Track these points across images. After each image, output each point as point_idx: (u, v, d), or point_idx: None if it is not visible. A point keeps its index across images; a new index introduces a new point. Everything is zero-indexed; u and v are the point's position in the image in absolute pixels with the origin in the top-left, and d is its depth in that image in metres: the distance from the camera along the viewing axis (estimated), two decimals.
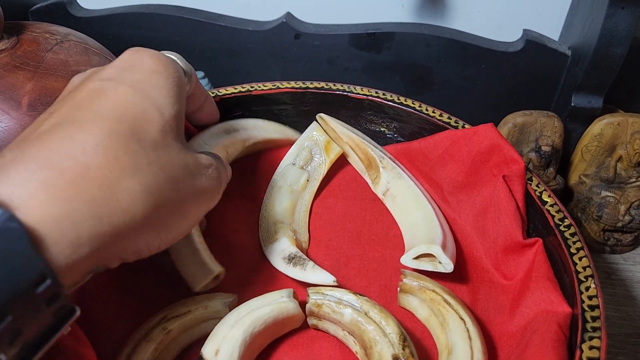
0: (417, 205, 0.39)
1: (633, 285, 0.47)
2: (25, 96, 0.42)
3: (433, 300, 0.32)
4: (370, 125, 0.45)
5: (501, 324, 0.33)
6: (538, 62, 0.53)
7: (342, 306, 0.31)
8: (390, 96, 0.44)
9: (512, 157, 0.36)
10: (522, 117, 0.49)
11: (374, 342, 0.29)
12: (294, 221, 0.39)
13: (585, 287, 0.30)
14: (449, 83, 0.56)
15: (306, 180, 0.41)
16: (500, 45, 0.53)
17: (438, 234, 0.35)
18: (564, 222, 0.34)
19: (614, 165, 0.48)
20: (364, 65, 0.56)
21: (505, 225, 0.35)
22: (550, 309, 0.30)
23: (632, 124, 0.47)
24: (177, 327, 0.30)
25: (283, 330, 0.32)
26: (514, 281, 0.35)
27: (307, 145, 0.43)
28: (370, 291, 0.36)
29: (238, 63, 0.58)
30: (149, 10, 0.55)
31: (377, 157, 0.42)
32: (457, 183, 0.40)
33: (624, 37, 0.44)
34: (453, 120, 0.41)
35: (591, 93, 0.49)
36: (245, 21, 0.56)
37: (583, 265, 0.31)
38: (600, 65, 0.46)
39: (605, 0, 0.43)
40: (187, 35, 0.56)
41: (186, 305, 0.31)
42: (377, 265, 0.37)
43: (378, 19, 0.55)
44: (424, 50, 0.54)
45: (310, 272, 0.33)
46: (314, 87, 0.45)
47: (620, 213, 0.48)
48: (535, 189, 0.36)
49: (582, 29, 0.49)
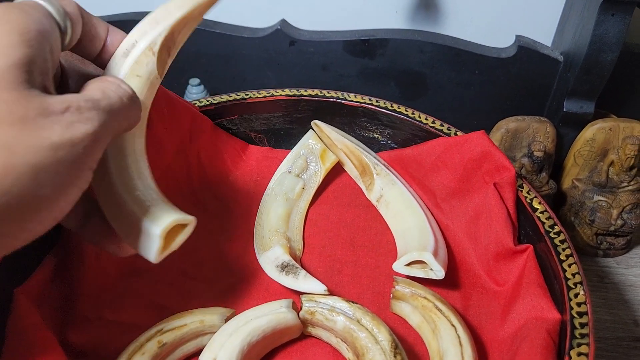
0: (410, 211, 0.39)
1: (625, 289, 0.48)
2: None
3: (425, 307, 0.33)
4: (364, 132, 0.46)
5: (492, 329, 0.34)
6: (531, 68, 0.53)
7: (335, 314, 0.31)
8: (383, 103, 0.44)
9: (503, 165, 0.37)
10: (515, 123, 0.49)
11: (366, 349, 0.29)
12: (289, 229, 0.39)
13: (575, 294, 0.30)
14: (442, 88, 0.56)
15: (302, 188, 0.42)
16: (493, 51, 0.54)
17: (430, 241, 0.36)
18: (554, 229, 0.34)
19: (606, 170, 0.49)
20: (358, 71, 0.56)
21: (496, 232, 0.36)
22: (540, 315, 0.31)
23: (623, 128, 0.48)
24: (172, 341, 0.30)
25: (281, 340, 0.33)
26: (505, 287, 0.35)
27: (303, 154, 0.43)
28: (364, 298, 0.36)
29: (234, 69, 0.58)
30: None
31: (371, 163, 0.42)
32: (450, 190, 0.40)
33: (614, 43, 0.45)
34: (445, 127, 0.42)
35: (583, 98, 0.50)
36: (240, 28, 0.56)
37: (572, 272, 0.32)
38: (592, 71, 0.47)
39: (595, 7, 0.43)
40: None
41: (182, 319, 0.31)
42: (371, 272, 0.38)
43: (372, 26, 0.56)
44: (418, 56, 0.54)
45: (302, 281, 0.33)
46: (308, 94, 0.45)
47: (613, 217, 0.49)
48: (526, 196, 0.37)
49: (573, 36, 0.49)
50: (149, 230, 0.25)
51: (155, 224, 0.25)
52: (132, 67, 0.27)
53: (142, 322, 0.32)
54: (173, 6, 0.27)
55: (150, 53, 0.27)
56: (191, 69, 0.58)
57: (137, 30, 0.27)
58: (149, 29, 0.27)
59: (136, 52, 0.27)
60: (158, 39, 0.27)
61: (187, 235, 0.27)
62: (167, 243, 0.26)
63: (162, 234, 0.25)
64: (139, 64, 0.27)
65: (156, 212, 0.25)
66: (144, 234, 0.25)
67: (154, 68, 0.28)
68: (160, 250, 0.25)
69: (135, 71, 0.27)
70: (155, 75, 0.28)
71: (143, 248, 0.25)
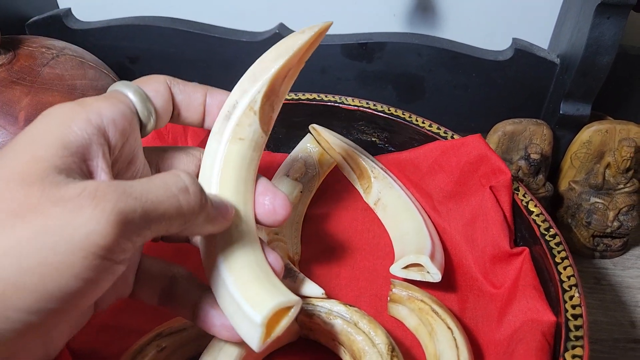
0: (408, 215, 0.40)
1: (622, 291, 0.48)
2: (22, 111, 0.42)
3: (421, 309, 0.33)
4: (362, 136, 0.46)
5: (489, 332, 0.34)
6: (527, 71, 0.53)
7: (333, 317, 0.31)
8: (381, 107, 0.44)
9: (499, 168, 0.37)
10: (512, 125, 0.49)
11: (364, 353, 0.30)
12: (287, 233, 0.39)
13: (569, 296, 0.31)
14: (439, 92, 0.57)
15: (299, 192, 0.42)
16: (490, 54, 0.54)
17: (427, 244, 0.36)
18: (549, 232, 0.35)
19: (602, 172, 0.49)
20: (356, 74, 0.57)
21: (493, 235, 0.36)
22: (536, 318, 0.31)
23: (619, 131, 0.48)
24: (171, 344, 0.30)
25: (279, 343, 0.33)
26: (501, 289, 0.35)
27: (300, 158, 0.44)
28: (361, 301, 0.37)
29: (232, 74, 0.58)
30: (143, 22, 0.55)
31: (368, 167, 0.43)
32: (447, 193, 0.41)
33: (610, 46, 0.45)
34: (442, 130, 0.42)
35: (579, 101, 0.50)
36: (238, 32, 0.56)
37: (568, 275, 0.32)
38: (588, 73, 0.47)
39: (590, 11, 0.44)
40: (181, 47, 0.57)
41: (181, 323, 0.31)
42: (368, 275, 0.38)
43: (370, 29, 0.56)
44: (415, 59, 0.55)
45: (300, 284, 0.33)
46: (305, 98, 0.45)
47: (609, 219, 0.49)
48: (522, 199, 0.37)
49: (570, 39, 0.49)
50: (250, 316, 0.23)
51: (256, 310, 0.23)
52: (234, 131, 0.26)
53: (141, 327, 0.32)
54: (269, 58, 0.26)
55: (251, 113, 0.26)
56: (190, 74, 0.58)
57: (237, 89, 0.26)
58: (248, 87, 0.26)
59: (237, 113, 0.26)
60: (258, 96, 0.26)
61: (291, 319, 0.24)
62: (271, 328, 0.23)
63: (264, 321, 0.22)
64: (240, 127, 0.26)
65: (256, 296, 0.23)
66: (245, 320, 0.23)
67: (258, 127, 0.26)
68: (263, 338, 0.23)
69: (238, 134, 0.26)
70: (259, 135, 0.27)
71: (245, 335, 0.23)
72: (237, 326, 0.24)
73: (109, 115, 0.23)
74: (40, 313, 0.17)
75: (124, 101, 0.24)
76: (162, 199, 0.20)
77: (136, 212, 0.19)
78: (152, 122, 0.26)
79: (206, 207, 0.22)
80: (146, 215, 0.19)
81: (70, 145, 0.20)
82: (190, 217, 0.21)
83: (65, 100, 0.44)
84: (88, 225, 0.17)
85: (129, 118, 0.24)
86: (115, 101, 0.24)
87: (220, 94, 0.28)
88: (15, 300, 0.17)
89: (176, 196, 0.20)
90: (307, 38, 0.26)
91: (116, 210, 0.18)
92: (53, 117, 0.21)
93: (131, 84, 0.26)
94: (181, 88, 0.27)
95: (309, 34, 0.26)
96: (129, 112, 0.24)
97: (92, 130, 0.21)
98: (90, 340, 0.32)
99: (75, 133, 0.21)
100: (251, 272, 0.25)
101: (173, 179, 0.21)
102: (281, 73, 0.26)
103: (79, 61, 0.48)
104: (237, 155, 0.26)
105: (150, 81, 0.26)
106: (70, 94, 0.45)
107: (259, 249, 0.26)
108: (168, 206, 0.20)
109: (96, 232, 0.17)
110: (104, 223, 0.17)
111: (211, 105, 0.28)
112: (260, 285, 0.24)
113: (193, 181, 0.22)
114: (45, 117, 0.21)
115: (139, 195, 0.19)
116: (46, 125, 0.21)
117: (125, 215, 0.18)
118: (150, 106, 0.25)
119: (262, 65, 0.26)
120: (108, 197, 0.18)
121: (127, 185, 0.19)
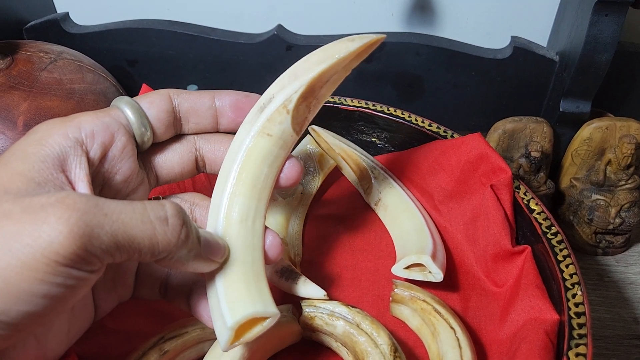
0: (408, 214, 0.40)
1: (625, 287, 0.48)
2: (21, 116, 0.42)
3: (424, 310, 0.33)
4: (362, 136, 0.46)
5: (491, 331, 0.34)
6: (526, 68, 0.53)
7: (335, 318, 0.31)
8: (380, 107, 0.44)
9: (499, 166, 0.37)
10: (512, 124, 0.49)
11: (366, 354, 0.30)
12: (288, 234, 0.39)
13: (572, 294, 0.31)
14: (439, 90, 0.57)
15: (300, 193, 0.42)
16: (488, 52, 0.54)
17: (428, 244, 0.36)
18: (551, 230, 0.35)
19: (603, 169, 0.49)
20: (355, 74, 0.56)
21: (494, 233, 0.36)
22: (539, 316, 0.31)
23: (620, 127, 0.48)
24: (174, 348, 0.30)
25: (282, 345, 0.33)
26: (504, 288, 0.35)
27: (300, 159, 0.44)
28: (364, 301, 0.36)
29: (231, 76, 0.58)
30: (141, 25, 0.55)
31: (368, 167, 0.43)
32: (448, 192, 0.41)
33: (609, 43, 0.45)
34: (442, 129, 0.42)
35: (579, 98, 0.50)
36: (237, 34, 0.56)
37: (570, 273, 0.32)
38: (587, 70, 0.47)
39: (589, 8, 0.43)
40: (179, 49, 0.57)
41: (184, 326, 0.31)
42: (370, 276, 0.38)
43: (368, 29, 0.56)
44: (414, 58, 0.54)
45: (301, 286, 0.33)
46: None
47: (611, 216, 0.49)
48: (523, 197, 0.37)
49: (568, 36, 0.49)
50: (224, 316, 0.23)
51: (231, 312, 0.23)
52: (264, 125, 0.25)
53: (143, 330, 0.32)
54: (315, 59, 0.25)
55: (284, 111, 0.25)
56: (189, 76, 0.58)
57: (277, 83, 0.26)
58: (287, 84, 0.25)
59: (271, 108, 0.25)
60: (294, 96, 0.25)
61: (264, 329, 0.24)
62: (243, 332, 0.24)
63: (234, 326, 0.23)
64: (271, 122, 0.25)
65: (236, 299, 0.23)
66: (219, 318, 0.24)
67: (288, 126, 0.25)
68: (230, 340, 0.23)
69: (267, 129, 0.25)
70: (289, 134, 0.26)
71: (217, 332, 0.24)
72: (214, 320, 0.24)
73: (87, 128, 0.24)
74: (9, 314, 0.18)
75: (113, 114, 0.25)
76: (135, 223, 0.19)
77: (103, 228, 0.19)
78: (148, 133, 0.26)
79: (187, 243, 0.21)
80: (114, 235, 0.19)
81: (46, 159, 0.21)
82: (165, 249, 0.20)
83: (64, 105, 0.44)
84: (50, 233, 0.18)
85: (113, 129, 0.25)
86: (101, 114, 0.25)
87: (228, 95, 0.28)
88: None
89: (152, 223, 0.20)
90: (356, 47, 0.25)
91: (81, 223, 0.18)
92: (36, 133, 0.23)
93: (127, 98, 0.26)
94: (186, 97, 0.27)
95: (359, 44, 0.25)
96: (115, 124, 0.25)
97: (68, 143, 0.23)
98: (92, 345, 0.32)
99: (51, 147, 0.22)
100: (242, 271, 0.24)
101: (155, 206, 0.21)
102: (323, 77, 0.25)
103: (77, 65, 0.48)
104: (262, 150, 0.26)
105: (149, 94, 0.27)
106: (69, 98, 0.45)
107: (260, 249, 0.26)
108: (139, 232, 0.20)
109: (57, 241, 0.18)
110: (66, 233, 0.18)
111: (222, 107, 0.28)
112: (245, 288, 0.24)
113: (176, 213, 0.21)
114: (30, 133, 0.23)
115: (110, 213, 0.19)
116: (27, 141, 0.22)
117: (91, 229, 0.18)
118: (144, 117, 0.26)
119: (305, 65, 0.25)
120: (76, 208, 0.18)
121: (102, 200, 0.19)
